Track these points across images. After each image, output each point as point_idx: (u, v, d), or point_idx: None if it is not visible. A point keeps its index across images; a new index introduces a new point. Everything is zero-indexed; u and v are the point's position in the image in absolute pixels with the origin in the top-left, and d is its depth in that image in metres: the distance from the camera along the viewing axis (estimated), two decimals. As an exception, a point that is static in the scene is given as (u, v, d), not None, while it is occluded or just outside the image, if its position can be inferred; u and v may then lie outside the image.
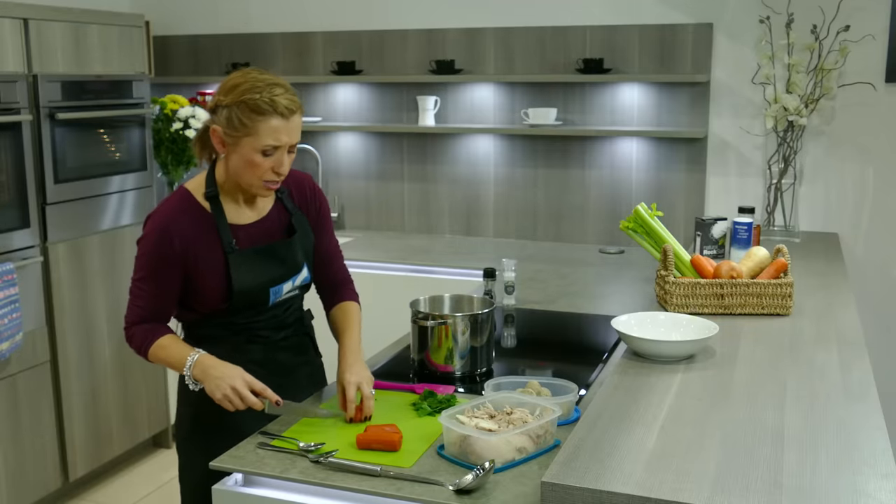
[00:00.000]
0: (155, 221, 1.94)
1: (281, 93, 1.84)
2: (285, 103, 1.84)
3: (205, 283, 1.94)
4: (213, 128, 1.89)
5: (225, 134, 1.87)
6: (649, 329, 2.13)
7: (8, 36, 3.20)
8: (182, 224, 1.92)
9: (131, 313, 1.96)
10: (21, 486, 3.31)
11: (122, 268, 3.76)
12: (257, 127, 1.83)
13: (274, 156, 1.87)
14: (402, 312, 2.30)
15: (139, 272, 1.95)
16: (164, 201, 1.98)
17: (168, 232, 1.91)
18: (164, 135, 4.09)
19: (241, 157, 1.87)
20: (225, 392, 1.82)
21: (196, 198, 1.96)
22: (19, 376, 3.28)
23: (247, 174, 1.89)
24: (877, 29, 3.46)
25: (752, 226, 2.98)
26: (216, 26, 4.48)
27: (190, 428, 2.04)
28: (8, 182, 3.20)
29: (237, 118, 1.84)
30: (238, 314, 2.00)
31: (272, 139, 1.84)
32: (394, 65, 4.16)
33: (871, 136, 3.56)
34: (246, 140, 1.85)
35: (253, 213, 2.01)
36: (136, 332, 1.96)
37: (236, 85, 1.86)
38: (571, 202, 3.99)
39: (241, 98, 1.83)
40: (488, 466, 1.57)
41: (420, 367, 2.18)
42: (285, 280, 2.02)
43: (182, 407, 2.07)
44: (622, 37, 3.78)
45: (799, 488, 1.37)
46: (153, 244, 1.92)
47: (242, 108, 1.83)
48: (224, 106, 1.86)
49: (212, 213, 1.95)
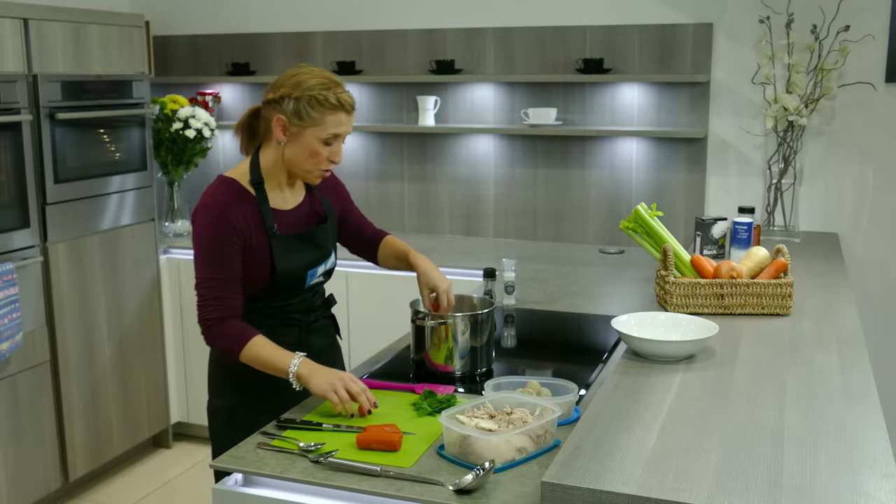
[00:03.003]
0: (211, 210, 2.03)
1: (345, 93, 2.04)
2: (349, 101, 2.04)
3: (252, 266, 2.05)
4: (279, 117, 2.02)
5: (290, 124, 2.01)
6: (649, 329, 2.13)
7: (8, 36, 3.20)
8: (236, 208, 2.03)
9: (207, 310, 2.02)
10: (21, 486, 3.31)
11: (122, 268, 3.77)
12: (325, 119, 2.00)
13: (333, 146, 2.05)
14: (402, 312, 2.30)
15: (206, 263, 2.03)
16: (210, 191, 2.07)
17: (227, 216, 2.01)
18: (164, 135, 4.09)
19: (304, 146, 2.03)
20: (336, 388, 1.88)
21: (242, 184, 2.08)
22: (19, 376, 3.28)
23: (307, 162, 2.05)
24: (877, 29, 3.46)
25: (752, 226, 2.98)
26: (216, 26, 4.48)
27: (227, 418, 2.13)
28: (8, 182, 3.20)
29: (306, 111, 2.00)
30: (273, 298, 2.12)
31: (336, 130, 2.02)
32: (394, 65, 4.16)
33: (871, 136, 3.56)
34: (311, 130, 2.01)
35: (291, 200, 2.15)
36: (221, 332, 2.01)
37: (304, 80, 2.01)
38: (571, 202, 3.99)
39: (312, 93, 1.99)
40: (488, 466, 1.57)
41: (420, 367, 2.18)
42: (319, 264, 2.17)
43: (217, 399, 2.18)
44: (622, 37, 3.78)
45: (799, 488, 1.37)
46: (216, 231, 2.01)
47: (313, 103, 1.99)
48: (293, 98, 2.00)
49: (257, 198, 2.07)
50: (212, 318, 2.01)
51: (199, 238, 2.04)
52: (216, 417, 2.19)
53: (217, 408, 2.19)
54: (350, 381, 1.90)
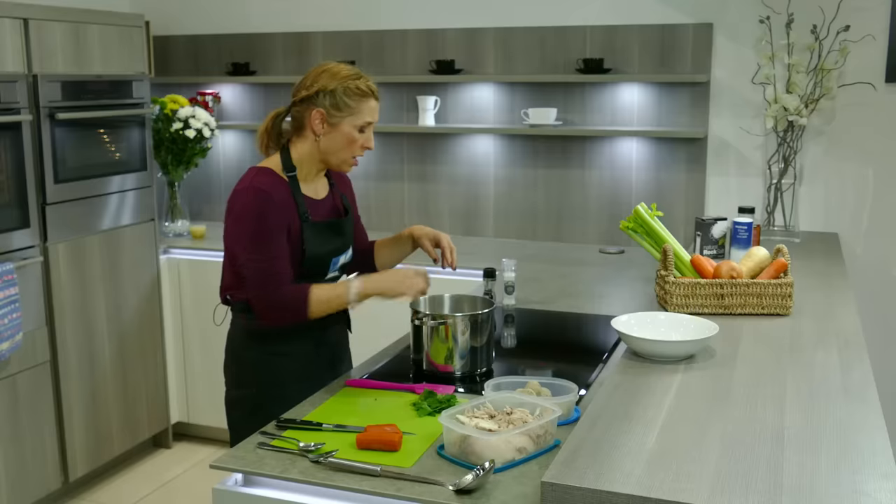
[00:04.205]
0: (255, 192, 2.09)
1: (370, 80, 2.17)
2: (376, 89, 2.18)
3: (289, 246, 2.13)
4: (318, 111, 2.13)
5: (329, 115, 2.13)
6: (649, 329, 2.13)
7: (8, 36, 3.20)
8: (277, 191, 2.12)
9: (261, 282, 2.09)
10: (21, 486, 3.31)
11: (122, 268, 3.77)
12: (360, 107, 2.14)
13: (366, 133, 2.17)
14: (402, 312, 2.30)
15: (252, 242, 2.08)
16: (249, 177, 2.14)
17: (270, 197, 2.10)
18: (164, 135, 4.09)
19: (342, 135, 2.15)
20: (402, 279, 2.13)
21: (277, 172, 2.17)
22: (19, 376, 3.28)
23: (344, 151, 2.17)
24: (877, 29, 3.46)
25: (752, 226, 2.98)
26: (216, 26, 4.48)
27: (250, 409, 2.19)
28: (8, 182, 3.20)
29: (343, 101, 2.12)
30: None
31: (370, 117, 2.16)
32: (394, 65, 4.16)
33: (871, 136, 3.56)
34: (348, 119, 2.13)
35: (318, 193, 2.26)
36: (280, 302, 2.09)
37: (337, 73, 2.14)
38: (571, 202, 3.99)
39: (346, 84, 2.12)
40: (488, 466, 1.57)
41: (420, 367, 2.18)
42: (341, 253, 2.28)
43: (236, 390, 2.25)
44: (622, 37, 3.78)
45: (799, 488, 1.37)
46: (261, 210, 2.08)
47: (348, 93, 2.12)
48: (328, 91, 2.12)
49: (290, 187, 2.17)
50: (268, 291, 2.09)
51: (242, 218, 2.10)
52: (234, 408, 2.26)
53: (234, 398, 2.25)
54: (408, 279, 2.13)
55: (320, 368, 2.26)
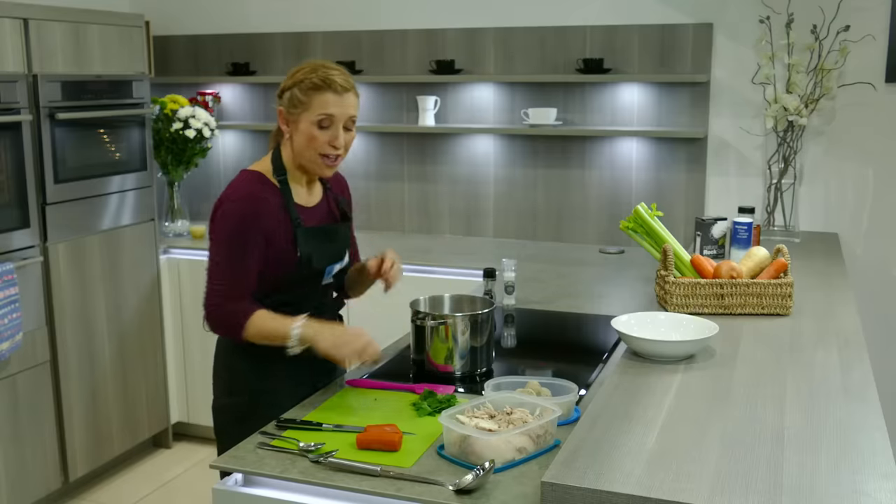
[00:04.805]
0: (237, 202, 2.05)
1: (336, 73, 2.06)
2: (339, 81, 2.05)
3: (276, 257, 2.08)
4: (279, 109, 2.09)
5: (287, 113, 2.08)
6: (649, 329, 2.13)
7: (8, 36, 3.20)
8: (263, 200, 2.07)
9: (216, 294, 2.04)
10: (21, 486, 3.31)
11: (122, 268, 3.76)
12: (312, 101, 2.04)
13: (330, 129, 2.06)
14: (402, 312, 2.30)
15: (226, 251, 2.04)
16: (236, 183, 2.11)
17: (254, 208, 2.04)
18: (164, 135, 4.09)
19: (302, 133, 2.06)
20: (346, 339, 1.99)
21: (267, 176, 2.12)
22: (19, 376, 3.28)
23: (307, 149, 2.07)
24: (877, 29, 3.46)
25: (752, 226, 2.98)
26: (216, 26, 4.48)
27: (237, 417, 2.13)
28: (8, 182, 3.20)
29: (296, 97, 2.05)
30: (289, 293, 2.14)
31: (325, 109, 2.03)
32: (394, 65, 4.16)
33: (871, 136, 3.56)
34: (304, 115, 2.05)
35: (311, 198, 2.19)
36: (224, 315, 2.04)
37: (298, 70, 2.08)
38: (571, 202, 3.99)
39: (300, 78, 2.05)
40: (488, 466, 1.57)
41: (420, 367, 2.18)
42: (336, 261, 2.22)
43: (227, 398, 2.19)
44: (622, 37, 3.78)
45: (799, 488, 1.37)
46: (239, 222, 2.03)
47: (301, 87, 2.05)
48: (287, 89, 2.07)
49: (281, 191, 2.11)
50: (217, 301, 2.05)
51: (221, 229, 2.06)
52: (223, 415, 2.20)
53: (224, 406, 2.20)
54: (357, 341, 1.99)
55: (313, 374, 2.18)
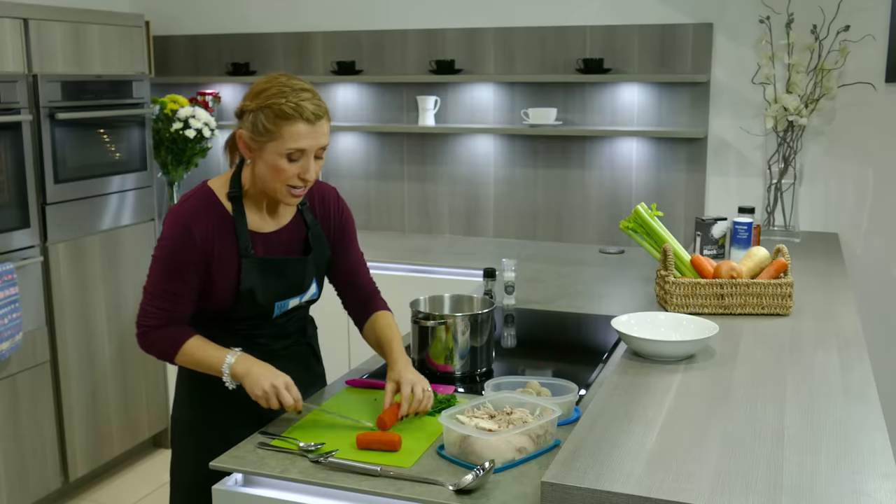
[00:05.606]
0: (176, 220, 1.89)
1: (308, 98, 1.82)
2: (311, 108, 1.81)
3: (217, 283, 1.91)
4: (239, 132, 1.87)
5: (251, 139, 1.85)
6: (649, 329, 2.13)
7: (8, 36, 3.20)
8: (203, 222, 1.89)
9: (148, 316, 1.90)
10: (21, 486, 3.31)
11: (122, 268, 3.76)
12: (282, 131, 1.80)
13: (300, 161, 1.84)
14: (402, 312, 2.30)
15: (159, 272, 1.89)
16: (185, 198, 1.94)
17: (190, 230, 1.87)
18: (164, 135, 4.09)
19: (267, 163, 1.84)
20: (265, 388, 1.81)
21: (219, 197, 1.93)
22: (19, 376, 3.28)
23: (273, 180, 1.85)
24: (877, 29, 3.46)
25: (752, 226, 2.98)
26: (216, 26, 4.48)
27: (186, 430, 2.05)
28: (8, 182, 3.20)
29: (262, 123, 1.81)
30: (239, 322, 1.98)
31: (296, 143, 1.81)
32: (394, 65, 4.16)
33: (871, 136, 3.56)
34: (271, 145, 1.82)
35: (273, 222, 1.98)
36: (157, 338, 1.91)
37: (262, 90, 1.83)
38: (571, 202, 3.99)
39: (267, 103, 1.81)
40: (488, 466, 1.57)
41: (420, 367, 2.18)
42: (291, 297, 2.01)
43: (179, 412, 2.07)
44: (622, 37, 3.78)
45: (799, 488, 1.37)
46: (175, 243, 1.88)
47: (267, 113, 1.81)
48: (250, 111, 1.84)
49: (232, 214, 1.92)
50: (150, 324, 1.90)
51: (162, 245, 1.90)
52: (177, 428, 2.09)
53: (178, 420, 2.08)
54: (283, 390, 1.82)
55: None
